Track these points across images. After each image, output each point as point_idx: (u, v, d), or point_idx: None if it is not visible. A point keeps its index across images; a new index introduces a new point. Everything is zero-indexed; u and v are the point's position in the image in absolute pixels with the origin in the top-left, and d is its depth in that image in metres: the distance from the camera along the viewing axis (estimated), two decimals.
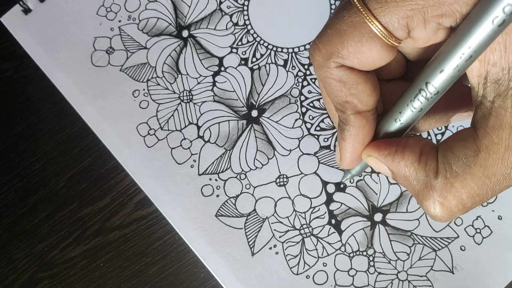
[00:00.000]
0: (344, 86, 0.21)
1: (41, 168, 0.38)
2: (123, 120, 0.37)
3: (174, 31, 0.38)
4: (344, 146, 0.23)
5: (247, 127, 0.36)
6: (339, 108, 0.22)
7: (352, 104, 0.21)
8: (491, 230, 0.33)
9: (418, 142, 0.21)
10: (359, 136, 0.22)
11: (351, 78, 0.21)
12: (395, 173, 0.22)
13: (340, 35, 0.20)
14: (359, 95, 0.21)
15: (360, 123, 0.22)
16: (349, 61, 0.20)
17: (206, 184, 0.36)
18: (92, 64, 0.38)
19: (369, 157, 0.23)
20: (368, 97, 0.21)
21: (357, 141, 0.23)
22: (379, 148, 0.22)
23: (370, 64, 0.20)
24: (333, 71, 0.21)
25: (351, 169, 0.26)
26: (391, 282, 0.33)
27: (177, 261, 0.36)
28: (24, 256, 0.37)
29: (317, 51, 0.21)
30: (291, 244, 0.34)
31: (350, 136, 0.23)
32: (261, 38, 0.37)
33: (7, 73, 0.40)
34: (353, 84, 0.21)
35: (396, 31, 0.19)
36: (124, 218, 0.37)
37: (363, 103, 0.21)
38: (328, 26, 0.21)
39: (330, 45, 0.20)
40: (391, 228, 0.34)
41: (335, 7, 0.37)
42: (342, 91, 0.21)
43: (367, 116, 0.22)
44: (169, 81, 0.38)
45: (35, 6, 0.39)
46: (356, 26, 0.19)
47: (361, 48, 0.20)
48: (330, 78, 0.21)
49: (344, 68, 0.21)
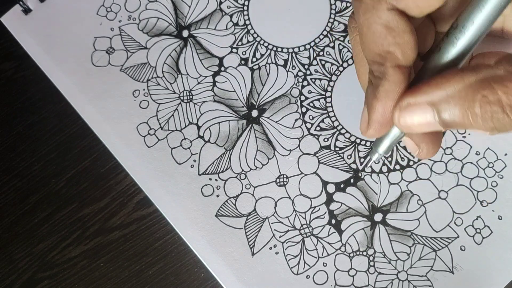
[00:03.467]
0: (390, 33, 0.20)
1: (41, 168, 0.38)
2: (123, 120, 0.37)
3: (174, 31, 0.38)
4: (374, 105, 0.21)
5: (247, 127, 0.36)
6: (378, 60, 0.21)
7: (394, 56, 0.20)
8: (491, 230, 0.33)
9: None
10: (394, 93, 0.20)
11: (400, 25, 0.20)
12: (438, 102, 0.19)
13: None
14: (403, 46, 0.20)
15: (398, 77, 0.20)
16: (404, 1, 0.19)
17: (206, 184, 0.36)
18: (92, 64, 0.38)
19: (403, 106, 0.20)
20: (411, 50, 0.20)
21: (391, 99, 0.21)
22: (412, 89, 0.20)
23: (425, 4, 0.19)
24: (383, 14, 0.20)
25: (378, 148, 0.24)
26: (391, 282, 0.33)
27: (177, 261, 0.36)
28: (24, 256, 0.37)
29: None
30: (291, 244, 0.34)
31: (384, 92, 0.21)
32: (261, 38, 0.37)
33: (7, 73, 0.40)
34: (400, 32, 0.20)
35: None
36: (124, 218, 0.37)
37: (405, 56, 0.20)
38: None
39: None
40: (391, 228, 0.34)
41: (335, 7, 0.37)
42: (386, 39, 0.20)
43: (405, 71, 0.21)
44: (169, 81, 0.38)
45: (35, 6, 0.39)
46: None
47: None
48: (377, 22, 0.20)
49: (395, 12, 0.20)
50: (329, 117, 0.36)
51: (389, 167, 0.34)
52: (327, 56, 0.36)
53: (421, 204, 0.34)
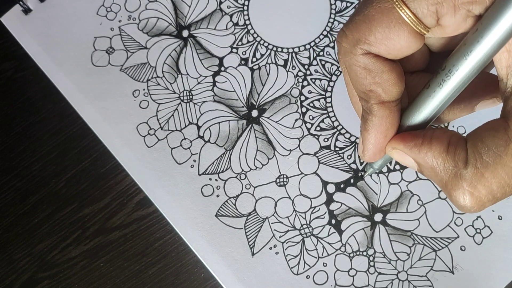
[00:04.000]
0: (369, 74, 0.21)
1: (41, 168, 0.38)
2: (123, 120, 0.37)
3: (174, 31, 0.38)
4: (366, 137, 0.23)
5: (247, 127, 0.36)
6: (363, 97, 0.22)
7: (376, 93, 0.21)
8: (491, 230, 0.33)
9: (445, 133, 0.21)
10: (382, 126, 0.22)
11: (377, 66, 0.21)
12: (422, 165, 0.21)
13: (368, 21, 0.20)
14: (383, 84, 0.21)
15: (383, 113, 0.22)
16: (376, 47, 0.20)
17: (206, 184, 0.36)
18: (92, 64, 0.38)
19: (394, 150, 0.22)
20: (393, 86, 0.21)
21: (380, 132, 0.22)
22: (404, 140, 0.22)
23: (397, 52, 0.20)
24: (359, 58, 0.21)
25: (373, 164, 0.26)
26: (391, 282, 0.33)
27: (177, 261, 0.36)
28: (24, 256, 0.37)
29: (344, 38, 0.21)
30: (291, 244, 0.34)
31: (373, 127, 0.22)
32: (261, 38, 0.37)
33: (7, 73, 0.40)
34: (378, 72, 0.21)
35: (425, 17, 0.19)
36: (124, 218, 0.37)
37: (387, 93, 0.21)
38: (356, 13, 0.20)
39: (358, 31, 0.20)
40: (391, 228, 0.34)
41: (335, 7, 0.37)
42: (366, 79, 0.21)
43: (390, 106, 0.22)
44: (169, 81, 0.38)
45: (35, 6, 0.39)
46: (384, 12, 0.19)
47: (389, 34, 0.20)
48: (355, 65, 0.21)
49: (370, 56, 0.20)
50: (329, 117, 0.36)
51: (389, 167, 0.34)
52: (327, 56, 0.36)
53: (421, 204, 0.34)
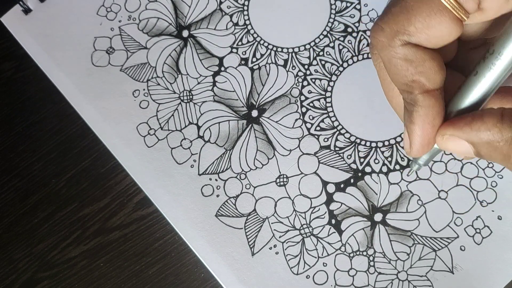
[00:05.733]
0: (411, 64, 0.21)
1: (41, 168, 0.38)
2: (123, 120, 0.37)
3: (174, 31, 0.38)
4: (413, 129, 0.22)
5: (247, 127, 0.36)
6: (406, 89, 0.22)
7: (420, 83, 0.21)
8: (491, 230, 0.33)
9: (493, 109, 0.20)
10: (429, 116, 0.22)
11: (418, 56, 0.20)
12: (477, 144, 0.21)
13: (406, 11, 0.20)
14: (426, 73, 0.21)
15: (429, 102, 0.21)
16: (416, 37, 0.20)
17: (206, 184, 0.36)
18: (92, 64, 0.38)
19: (445, 137, 0.22)
20: (436, 74, 0.21)
21: (428, 122, 0.22)
22: (454, 123, 0.21)
23: (437, 40, 0.20)
24: (399, 49, 0.20)
25: (419, 159, 0.25)
26: (391, 282, 0.33)
27: (177, 261, 0.36)
28: (24, 256, 0.37)
29: (380, 32, 0.21)
30: (291, 244, 0.34)
31: (419, 117, 0.22)
32: (261, 38, 0.37)
33: (7, 73, 0.40)
34: (420, 61, 0.20)
35: (466, 2, 0.19)
36: (124, 218, 0.37)
37: (431, 81, 0.21)
38: (392, 5, 0.20)
39: (396, 23, 0.20)
40: (391, 228, 0.34)
41: (335, 7, 0.37)
42: (408, 70, 0.21)
43: (435, 94, 0.21)
44: (169, 81, 0.38)
45: (35, 6, 0.39)
46: (424, 1, 0.19)
47: (430, 23, 0.19)
48: (395, 57, 0.21)
49: (410, 46, 0.20)
50: (329, 117, 0.36)
51: (389, 167, 0.34)
52: (327, 56, 0.36)
53: (421, 204, 0.34)
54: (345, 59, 0.36)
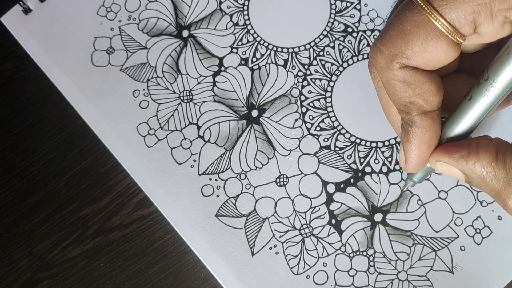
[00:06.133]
0: (409, 86, 0.21)
1: (41, 168, 0.38)
2: (123, 120, 0.37)
3: (174, 31, 0.38)
4: (409, 148, 0.23)
5: (247, 127, 0.36)
6: (403, 109, 0.22)
7: (418, 105, 0.21)
8: (491, 230, 0.33)
9: (490, 142, 0.21)
10: (425, 137, 0.22)
11: (416, 78, 0.21)
12: (470, 176, 0.21)
13: (404, 36, 0.20)
14: (424, 95, 0.21)
15: (426, 123, 0.22)
16: (414, 61, 0.20)
17: (206, 184, 0.36)
18: (92, 64, 0.38)
19: (438, 163, 0.22)
20: (434, 96, 0.21)
21: (424, 142, 0.22)
22: (449, 151, 0.22)
23: (435, 63, 0.20)
24: (397, 72, 0.21)
25: (413, 176, 0.26)
26: (391, 282, 0.33)
27: (177, 261, 0.36)
28: (24, 256, 0.37)
29: (379, 54, 0.21)
30: (291, 244, 0.34)
31: (416, 138, 0.22)
32: (261, 38, 0.37)
33: (7, 73, 0.40)
34: (418, 84, 0.21)
35: (462, 27, 0.19)
36: (124, 218, 0.37)
37: (429, 103, 0.21)
38: (389, 28, 0.21)
39: (394, 46, 0.20)
40: (391, 228, 0.34)
41: (335, 7, 0.37)
42: (406, 92, 0.21)
43: (433, 116, 0.22)
44: (169, 81, 0.38)
45: (35, 6, 0.39)
46: (420, 25, 0.19)
47: (427, 47, 0.20)
48: (393, 79, 0.21)
49: (408, 69, 0.21)
50: (329, 117, 0.36)
51: (389, 167, 0.34)
52: (327, 56, 0.36)
53: (421, 204, 0.34)
54: (345, 59, 0.36)
